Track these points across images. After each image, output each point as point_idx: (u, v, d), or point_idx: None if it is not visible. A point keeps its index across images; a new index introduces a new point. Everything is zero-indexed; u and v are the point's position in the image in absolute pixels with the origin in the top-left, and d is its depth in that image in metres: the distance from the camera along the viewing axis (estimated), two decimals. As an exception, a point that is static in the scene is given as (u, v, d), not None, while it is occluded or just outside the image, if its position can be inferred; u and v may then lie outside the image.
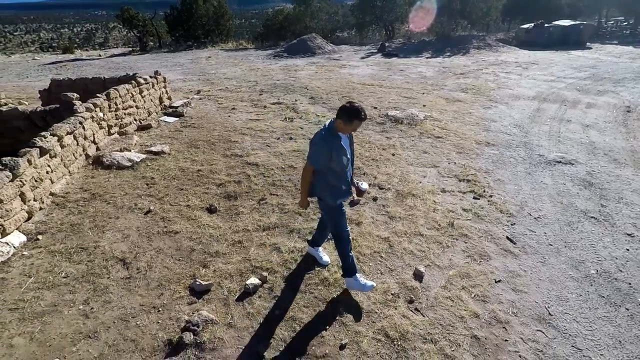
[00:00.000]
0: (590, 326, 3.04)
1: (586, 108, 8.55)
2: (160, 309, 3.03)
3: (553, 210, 4.60)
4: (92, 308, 3.03)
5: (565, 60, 14.79)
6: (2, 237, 3.58)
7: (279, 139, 6.54)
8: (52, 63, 18.26)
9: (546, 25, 18.91)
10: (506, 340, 2.87)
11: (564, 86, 10.40)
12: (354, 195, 3.37)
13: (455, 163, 5.71)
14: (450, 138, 6.62)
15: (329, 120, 2.91)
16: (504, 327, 2.98)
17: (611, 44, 19.94)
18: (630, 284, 3.49)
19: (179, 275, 3.40)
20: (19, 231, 3.78)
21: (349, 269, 3.13)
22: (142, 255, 3.62)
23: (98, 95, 5.82)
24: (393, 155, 5.90)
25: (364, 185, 3.22)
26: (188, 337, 2.72)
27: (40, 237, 3.84)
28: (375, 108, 8.25)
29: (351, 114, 2.72)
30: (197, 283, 3.22)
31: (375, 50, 17.90)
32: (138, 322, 2.90)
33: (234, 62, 15.68)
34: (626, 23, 24.75)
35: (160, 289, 3.23)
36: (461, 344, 2.81)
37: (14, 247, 3.60)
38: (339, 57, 16.33)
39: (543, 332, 2.96)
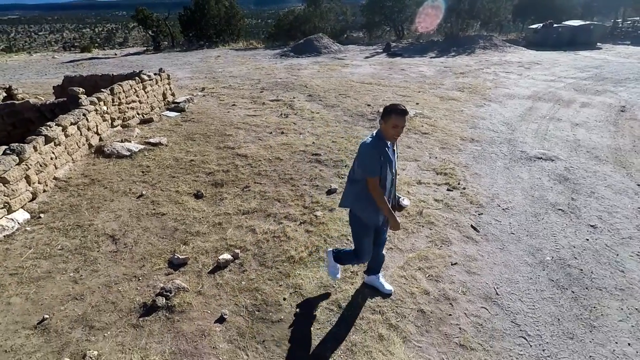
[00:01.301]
0: (533, 305, 3.26)
1: (580, 107, 8.61)
2: (140, 278, 3.39)
3: (523, 202, 4.80)
4: (81, 276, 3.41)
5: (571, 60, 14.71)
6: (7, 214, 4.01)
7: (271, 133, 6.88)
8: (70, 62, 19.09)
9: (555, 25, 18.75)
10: (450, 315, 3.12)
11: (562, 86, 10.44)
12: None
13: (436, 157, 5.94)
14: (436, 134, 6.84)
15: (375, 131, 2.74)
16: (450, 304, 3.23)
17: (623, 44, 19.62)
18: (582, 270, 3.68)
19: (160, 250, 3.76)
20: (24, 209, 4.22)
21: (334, 266, 3.20)
22: (130, 233, 4.01)
23: (103, 90, 6.27)
24: (377, 149, 6.15)
25: (406, 202, 2.97)
26: (161, 301, 3.07)
27: (42, 215, 4.27)
28: (369, 105, 8.50)
29: (387, 109, 2.55)
30: (176, 257, 3.57)
31: (381, 50, 18.10)
32: (119, 288, 3.27)
33: (241, 61, 16.14)
34: (642, 23, 24.23)
35: (143, 262, 3.60)
36: (407, 316, 3.08)
37: (19, 223, 4.03)
38: (343, 56, 16.62)
39: (487, 309, 3.20)
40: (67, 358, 2.58)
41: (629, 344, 2.92)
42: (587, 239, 4.12)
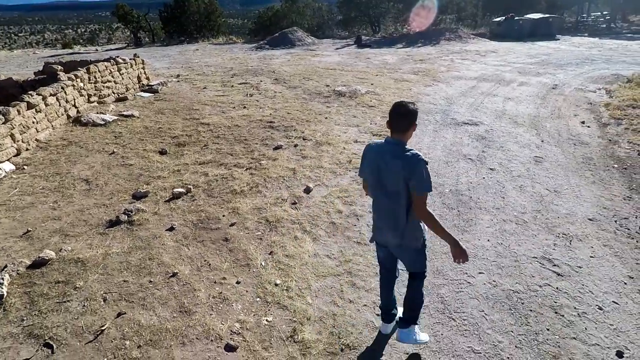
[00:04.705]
0: (423, 219, 4.12)
1: (518, 86, 9.59)
2: (108, 206, 4.17)
3: (440, 154, 5.69)
4: (59, 205, 4.17)
5: (526, 49, 15.80)
6: (-5, 164, 4.73)
7: (234, 108, 7.67)
8: (51, 56, 19.48)
9: (516, 18, 19.91)
10: (355, 225, 3.97)
11: (508, 70, 11.45)
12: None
13: (376, 124, 6.81)
14: (381, 107, 7.71)
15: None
16: (357, 218, 4.08)
17: (582, 36, 20.89)
18: (471, 197, 4.57)
19: (126, 188, 4.53)
20: (9, 162, 4.93)
21: (412, 333, 2.50)
22: (102, 177, 4.77)
23: (79, 68, 6.98)
24: (326, 118, 7.01)
25: None
26: (123, 217, 3.85)
27: (25, 167, 5.00)
28: (328, 86, 9.34)
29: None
30: (138, 191, 4.35)
31: (352, 43, 19.00)
32: (90, 212, 4.04)
33: (218, 53, 16.85)
34: (602, 18, 25.66)
35: (111, 195, 4.37)
36: (319, 225, 3.92)
37: (5, 171, 4.75)
38: (316, 48, 17.47)
39: (386, 222, 4.05)
40: (47, 250, 3.34)
41: (488, 240, 3.80)
42: (484, 177, 5.02)
